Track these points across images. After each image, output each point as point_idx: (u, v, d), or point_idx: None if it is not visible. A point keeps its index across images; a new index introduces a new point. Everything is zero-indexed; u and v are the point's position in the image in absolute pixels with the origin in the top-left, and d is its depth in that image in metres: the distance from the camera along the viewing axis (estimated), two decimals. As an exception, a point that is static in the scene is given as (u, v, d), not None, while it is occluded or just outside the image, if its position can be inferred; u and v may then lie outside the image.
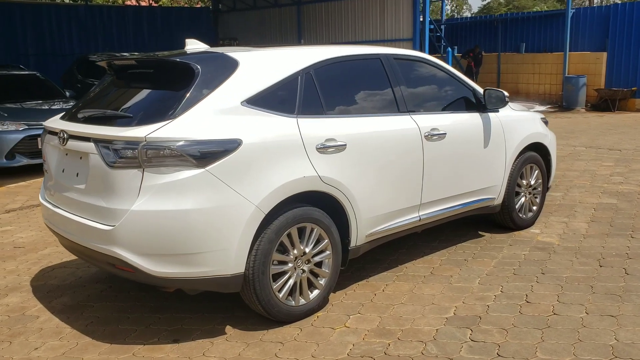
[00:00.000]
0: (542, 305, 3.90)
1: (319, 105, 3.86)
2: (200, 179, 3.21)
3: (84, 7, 17.03)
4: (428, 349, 3.38)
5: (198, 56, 3.70)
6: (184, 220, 3.21)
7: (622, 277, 4.36)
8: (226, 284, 3.40)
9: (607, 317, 3.71)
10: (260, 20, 17.48)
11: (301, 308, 3.75)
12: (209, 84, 3.44)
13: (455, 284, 4.33)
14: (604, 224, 5.68)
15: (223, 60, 3.64)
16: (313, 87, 3.87)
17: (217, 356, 3.36)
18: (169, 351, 3.44)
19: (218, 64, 3.59)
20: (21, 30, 14.89)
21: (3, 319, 3.95)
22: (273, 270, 3.57)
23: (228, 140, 3.30)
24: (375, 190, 4.07)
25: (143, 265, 3.26)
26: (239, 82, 3.54)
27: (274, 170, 3.47)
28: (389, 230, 4.30)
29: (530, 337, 3.48)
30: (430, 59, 4.80)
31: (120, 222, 3.22)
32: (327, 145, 3.75)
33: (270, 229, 3.50)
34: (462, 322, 3.70)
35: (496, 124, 5.05)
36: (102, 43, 16.08)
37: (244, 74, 3.59)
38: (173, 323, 3.79)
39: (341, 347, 3.42)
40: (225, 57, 3.67)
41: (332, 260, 3.90)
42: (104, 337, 3.64)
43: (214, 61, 3.62)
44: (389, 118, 4.24)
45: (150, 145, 3.16)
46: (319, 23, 15.71)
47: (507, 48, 20.82)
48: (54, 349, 3.50)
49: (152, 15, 17.60)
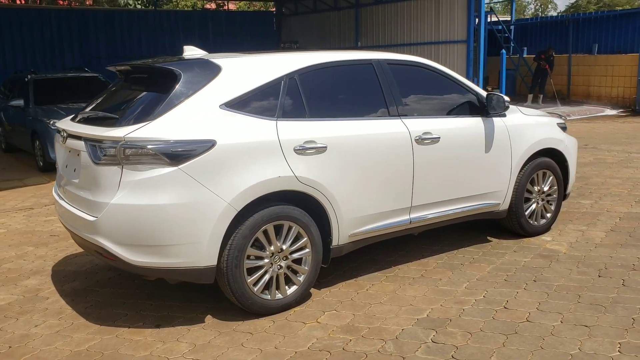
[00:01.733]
0: (518, 312, 3.88)
1: (302, 109, 4.03)
2: (173, 177, 3.47)
3: (153, 13, 18.01)
4: (386, 347, 3.47)
5: (184, 62, 3.97)
6: (158, 214, 3.48)
7: (617, 288, 4.23)
8: (199, 275, 3.65)
9: (581, 326, 3.65)
10: (321, 23, 17.76)
11: (277, 302, 3.94)
12: (189, 88, 3.70)
13: (441, 287, 4.37)
14: (622, 234, 5.49)
15: (206, 66, 3.88)
16: (297, 91, 4.04)
17: (188, 342, 3.61)
18: (147, 335, 3.72)
19: (200, 69, 3.84)
20: (94, 35, 15.96)
21: (18, 299, 4.39)
22: (248, 264, 3.77)
23: (201, 141, 3.54)
24: (357, 191, 4.18)
25: (122, 255, 3.56)
26: (219, 86, 3.78)
27: (248, 170, 3.67)
28: (376, 231, 4.40)
29: (491, 342, 3.49)
30: (429, 64, 4.84)
31: (102, 214, 3.54)
32: (306, 147, 3.91)
33: (245, 225, 3.71)
34: (431, 323, 3.76)
35: (501, 129, 5.02)
36: (169, 46, 16.94)
37: (225, 79, 3.82)
38: (161, 310, 4.08)
39: (305, 340, 3.58)
40: (209, 62, 3.92)
41: (312, 258, 4.06)
42: (97, 319, 3.98)
43: (196, 67, 3.87)
44: (376, 122, 4.34)
45: (128, 144, 3.45)
46: (375, 25, 15.78)
47: (579, 49, 20.02)
48: (51, 327, 3.88)
49: (216, 19, 18.32)
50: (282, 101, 3.95)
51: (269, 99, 3.92)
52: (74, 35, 15.60)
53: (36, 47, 14.88)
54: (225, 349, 3.51)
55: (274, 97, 3.94)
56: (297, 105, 4.03)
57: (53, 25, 15.61)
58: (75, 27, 15.88)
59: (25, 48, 14.90)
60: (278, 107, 3.93)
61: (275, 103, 3.93)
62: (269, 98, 3.92)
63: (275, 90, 3.95)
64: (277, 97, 3.94)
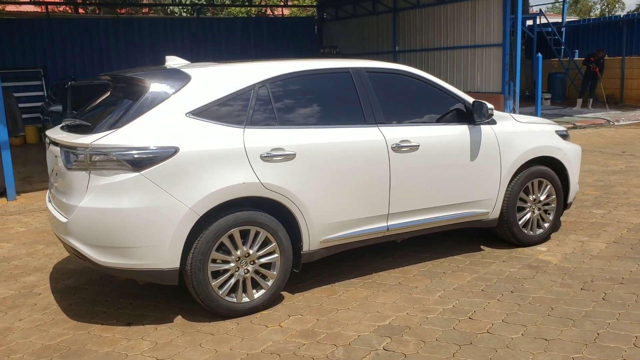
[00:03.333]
0: (481, 323, 3.83)
1: (272, 117, 4.13)
2: (136, 182, 3.64)
3: (196, 20, 18.55)
4: (335, 353, 3.51)
5: (155, 72, 4.14)
6: (121, 217, 3.66)
7: (595, 302, 4.10)
8: (162, 277, 3.80)
9: (540, 340, 3.57)
10: (360, 28, 17.78)
11: (244, 305, 4.04)
12: (157, 97, 3.86)
13: (414, 295, 4.36)
14: (624, 246, 5.29)
15: (175, 76, 4.04)
16: (268, 99, 4.14)
17: (151, 340, 3.76)
18: (117, 332, 3.90)
19: (169, 79, 4.00)
20: (139, 42, 16.60)
21: (14, 294, 4.68)
22: (212, 268, 3.90)
23: (163, 148, 3.69)
24: (328, 198, 4.23)
25: (91, 255, 3.76)
26: (187, 95, 3.93)
27: (211, 176, 3.80)
28: (350, 237, 4.44)
29: (442, 352, 3.47)
30: (412, 72, 4.83)
31: (72, 216, 3.75)
32: (273, 155, 4.00)
33: (209, 230, 3.84)
34: (389, 331, 3.77)
35: (489, 137, 4.95)
36: (211, 53, 17.39)
37: (193, 88, 3.97)
38: (138, 309, 4.26)
39: (261, 343, 3.67)
40: (179, 72, 4.08)
41: (280, 263, 4.14)
42: (77, 315, 4.20)
43: (166, 76, 4.03)
44: (349, 129, 4.38)
45: (94, 151, 3.65)
46: (412, 29, 15.67)
47: (633, 51, 19.18)
48: (33, 322, 4.12)
49: (258, 25, 18.66)
50: (252, 109, 4.06)
51: (238, 107, 4.04)
52: (121, 43, 16.29)
53: (85, 54, 15.63)
54: (183, 349, 3.64)
55: (243, 105, 4.05)
56: (267, 113, 4.13)
57: (101, 34, 16.36)
58: (122, 35, 16.59)
59: (75, 55, 15.68)
60: (247, 115, 4.04)
61: (244, 111, 4.04)
62: (238, 106, 4.04)
63: (244, 99, 4.06)
64: (246, 106, 4.05)
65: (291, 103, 4.27)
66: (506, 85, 13.00)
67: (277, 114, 4.15)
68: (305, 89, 4.37)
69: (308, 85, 4.38)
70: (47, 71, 15.38)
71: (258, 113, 4.09)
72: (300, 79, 4.35)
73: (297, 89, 4.33)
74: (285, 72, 4.29)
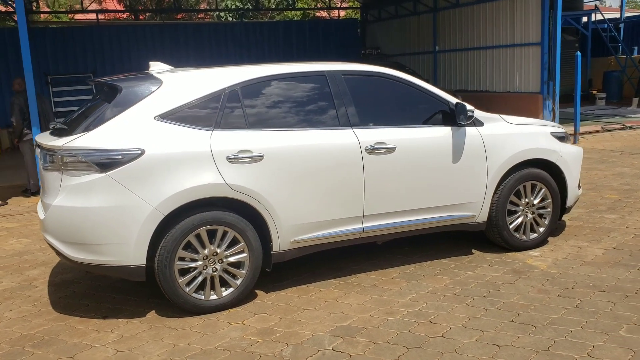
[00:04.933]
0: (440, 327, 3.80)
1: (242, 120, 4.24)
2: (102, 182, 3.84)
3: (239, 24, 18.95)
4: (283, 351, 3.58)
5: (129, 77, 4.32)
6: (89, 215, 3.86)
7: (567, 309, 3.98)
8: (130, 273, 3.98)
9: (492, 345, 3.51)
10: (401, 29, 17.64)
11: (211, 303, 4.17)
12: (128, 101, 4.05)
13: (385, 297, 4.36)
14: (623, 253, 5.07)
15: (147, 81, 4.21)
16: (238, 103, 4.26)
17: (118, 333, 3.95)
18: (90, 324, 4.12)
19: (141, 83, 4.17)
20: (184, 47, 17.13)
21: (14, 286, 5.00)
22: (179, 265, 4.05)
23: (129, 150, 3.87)
24: (298, 199, 4.30)
25: (64, 251, 3.99)
26: (157, 99, 4.09)
27: (176, 177, 3.95)
28: (323, 239, 4.49)
29: (388, 354, 3.48)
30: (391, 74, 4.82)
31: (47, 214, 4.00)
32: (240, 157, 4.11)
33: (175, 229, 3.99)
34: (344, 331, 3.80)
35: (474, 139, 4.88)
36: (255, 57, 17.73)
37: (164, 92, 4.13)
38: (118, 303, 4.47)
39: (217, 339, 3.78)
40: (151, 77, 4.25)
41: (249, 263, 4.24)
42: (62, 307, 4.46)
43: (138, 81, 4.21)
44: (322, 132, 4.42)
45: (65, 152, 3.87)
46: (452, 29, 15.41)
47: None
48: (21, 313, 4.41)
49: (300, 28, 18.83)
50: (221, 112, 4.19)
51: (208, 111, 4.17)
52: (166, 48, 16.86)
53: (132, 59, 16.27)
54: (145, 342, 3.80)
55: (212, 108, 4.18)
56: (237, 116, 4.24)
57: (147, 39, 17.01)
58: (167, 40, 17.17)
59: (122, 61, 16.36)
60: (216, 118, 4.16)
61: (213, 114, 4.17)
62: (208, 110, 4.17)
63: (214, 102, 4.19)
64: (216, 109, 4.18)
65: (263, 106, 4.36)
66: (545, 85, 12.59)
67: (247, 117, 4.26)
68: (278, 93, 4.45)
69: (281, 89, 4.46)
70: (96, 76, 16.14)
71: (228, 116, 4.21)
72: (273, 82, 4.44)
73: (269, 93, 4.42)
74: (257, 76, 4.39)
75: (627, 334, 3.59)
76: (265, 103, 4.38)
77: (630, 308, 3.96)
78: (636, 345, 3.45)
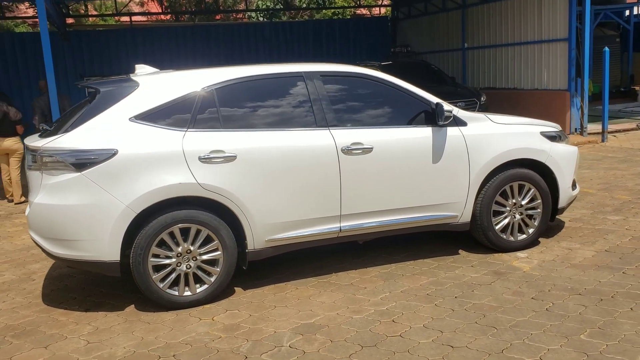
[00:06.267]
0: (400, 326, 3.82)
1: (216, 121, 4.35)
2: (77, 181, 4.02)
3: (269, 24, 19.14)
4: (242, 347, 3.67)
5: (108, 80, 4.50)
6: (65, 213, 4.05)
7: (536, 312, 3.93)
8: (105, 268, 4.16)
9: (446, 346, 3.51)
10: (430, 26, 17.43)
11: (185, 298, 4.30)
12: (105, 103, 4.22)
13: (358, 296, 4.40)
14: (614, 255, 4.94)
15: (124, 83, 4.37)
16: (213, 104, 4.37)
17: (94, 325, 4.13)
18: (72, 317, 4.31)
19: (118, 86, 4.34)
20: (215, 48, 17.46)
21: (14, 279, 5.27)
22: (153, 262, 4.19)
23: (103, 150, 4.04)
24: (272, 199, 4.38)
25: (45, 246, 4.20)
26: (133, 101, 4.24)
27: (148, 176, 4.09)
28: (299, 237, 4.55)
29: (341, 352, 3.52)
30: (370, 75, 4.84)
31: (29, 211, 4.21)
32: (212, 157, 4.22)
33: (149, 227, 4.14)
34: (306, 329, 3.86)
35: (456, 139, 4.85)
36: (284, 56, 17.90)
37: (140, 94, 4.28)
38: (104, 297, 4.66)
39: (184, 334, 3.90)
40: (128, 80, 4.41)
41: (224, 260, 4.35)
42: (50, 300, 4.67)
43: (115, 84, 4.37)
44: (297, 132, 4.49)
45: (44, 153, 4.07)
46: (480, 25, 15.12)
47: None
48: (12, 304, 4.64)
49: (330, 27, 18.86)
50: (195, 113, 4.31)
51: (182, 112, 4.30)
52: (198, 49, 17.23)
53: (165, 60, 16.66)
54: (116, 334, 3.96)
55: (187, 109, 4.31)
56: (211, 117, 4.35)
57: (179, 40, 17.40)
58: (199, 41, 17.53)
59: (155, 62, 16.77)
60: (190, 119, 4.29)
61: (187, 115, 4.30)
62: (182, 111, 4.30)
63: (188, 104, 4.32)
64: (190, 110, 4.31)
65: (238, 107, 4.46)
66: (572, 82, 12.24)
67: (221, 117, 4.37)
68: (255, 94, 4.54)
69: (258, 90, 4.55)
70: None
71: (202, 117, 4.33)
72: (249, 83, 4.54)
73: (245, 94, 4.51)
74: (232, 77, 4.49)
75: (588, 338, 3.52)
76: (240, 104, 4.48)
77: (600, 312, 3.87)
78: (593, 349, 3.38)
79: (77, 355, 3.69)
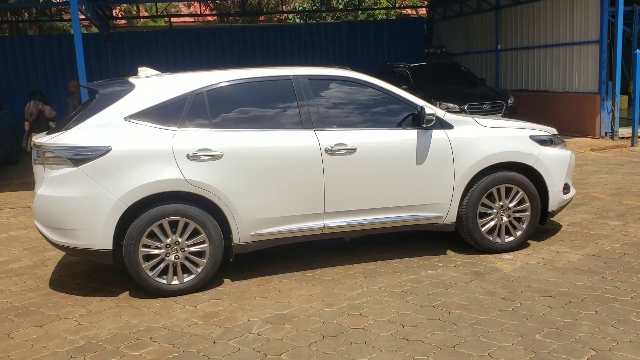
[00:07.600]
0: (365, 320, 4.00)
1: (205, 121, 4.64)
2: (74, 175, 4.37)
3: (304, 26, 19.42)
4: (214, 333, 3.93)
5: (107, 82, 4.84)
6: (62, 204, 4.41)
7: (500, 311, 4.04)
8: (99, 256, 4.50)
9: (402, 340, 3.68)
10: (465, 27, 17.32)
11: (172, 287, 4.60)
12: (103, 103, 4.56)
13: (336, 290, 4.59)
14: (599, 260, 4.97)
15: (122, 85, 4.70)
16: (203, 105, 4.65)
17: (88, 308, 4.47)
18: (71, 300, 4.67)
19: (116, 87, 4.67)
20: (252, 50, 17.90)
21: (29, 264, 5.70)
22: (143, 252, 4.50)
23: (98, 147, 4.38)
24: (256, 195, 4.63)
25: (47, 234, 4.57)
26: (129, 101, 4.57)
27: (139, 172, 4.40)
28: (284, 233, 4.78)
29: (302, 341, 3.73)
30: (357, 78, 5.01)
31: (34, 202, 4.60)
32: (199, 155, 4.50)
33: (140, 219, 4.45)
34: (277, 319, 4.09)
35: (440, 142, 4.97)
36: (319, 58, 18.16)
37: (135, 95, 4.61)
38: (103, 283, 5.01)
39: (165, 319, 4.19)
40: (125, 82, 4.74)
41: (210, 252, 4.63)
42: (56, 285, 5.06)
43: (114, 85, 4.71)
44: (283, 133, 4.72)
45: (45, 149, 4.45)
46: (513, 27, 14.95)
47: None
48: (21, 287, 5.05)
49: (365, 29, 18.97)
50: (186, 114, 4.60)
51: (174, 112, 4.60)
52: (234, 51, 17.69)
53: (203, 61, 17.24)
54: (105, 317, 4.29)
55: (178, 110, 4.60)
56: (201, 118, 4.64)
57: (217, 42, 17.93)
58: (235, 42, 18.00)
59: (193, 63, 17.34)
60: (181, 118, 4.58)
61: (178, 115, 4.59)
62: (174, 111, 4.60)
63: (180, 104, 4.61)
64: (181, 110, 4.60)
65: (227, 108, 4.73)
66: (603, 85, 12.01)
67: (211, 118, 4.64)
68: (244, 96, 4.80)
69: (247, 92, 4.81)
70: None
71: (192, 117, 4.61)
72: (239, 86, 4.80)
73: (235, 96, 4.78)
74: (223, 80, 4.76)
75: (542, 337, 3.62)
76: (230, 106, 4.74)
77: (564, 314, 3.94)
78: (542, 348, 3.48)
79: (66, 335, 4.03)
